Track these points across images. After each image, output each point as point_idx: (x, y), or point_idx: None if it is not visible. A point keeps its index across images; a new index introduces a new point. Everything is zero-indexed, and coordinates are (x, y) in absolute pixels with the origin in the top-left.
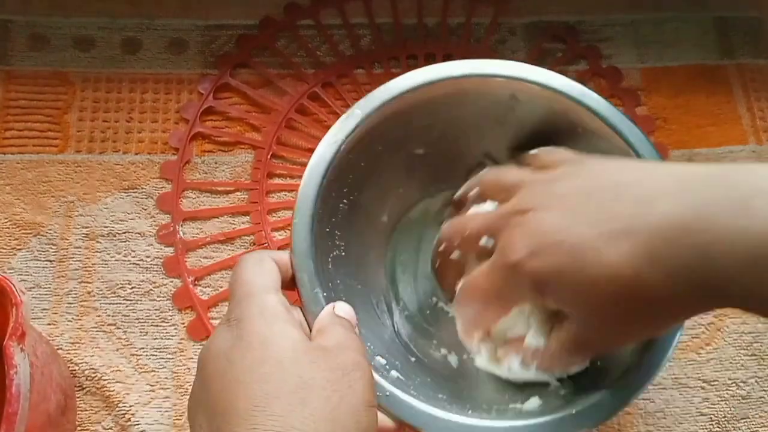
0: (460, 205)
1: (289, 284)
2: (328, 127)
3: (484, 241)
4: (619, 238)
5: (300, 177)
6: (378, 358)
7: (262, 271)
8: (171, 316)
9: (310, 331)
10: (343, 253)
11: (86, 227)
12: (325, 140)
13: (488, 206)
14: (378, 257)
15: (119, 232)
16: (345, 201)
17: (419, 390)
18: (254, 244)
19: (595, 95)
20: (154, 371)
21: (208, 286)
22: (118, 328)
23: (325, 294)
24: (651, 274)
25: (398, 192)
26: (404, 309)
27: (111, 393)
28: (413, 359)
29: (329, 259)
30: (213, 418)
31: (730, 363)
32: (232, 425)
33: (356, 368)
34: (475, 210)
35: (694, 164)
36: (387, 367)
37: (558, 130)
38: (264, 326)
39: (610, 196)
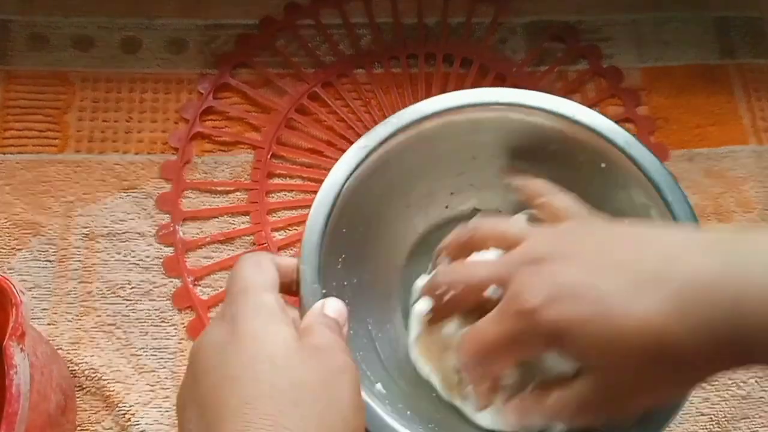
0: (456, 253)
1: (288, 289)
2: (329, 127)
3: (491, 291)
4: (648, 288)
5: (300, 177)
6: (364, 366)
7: (259, 270)
8: (171, 316)
9: None
10: (354, 258)
11: (86, 227)
12: (359, 143)
13: (491, 255)
14: (395, 268)
15: (119, 232)
16: (368, 205)
17: (398, 408)
18: (254, 244)
19: (639, 145)
20: (154, 371)
21: (208, 286)
22: (118, 328)
23: (324, 291)
24: (680, 327)
25: (425, 207)
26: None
27: (111, 393)
28: (401, 381)
29: (339, 260)
30: (203, 413)
31: None
32: (223, 421)
33: (345, 370)
34: (476, 257)
35: (712, 230)
36: (372, 379)
37: (590, 171)
38: (258, 324)
39: (631, 252)
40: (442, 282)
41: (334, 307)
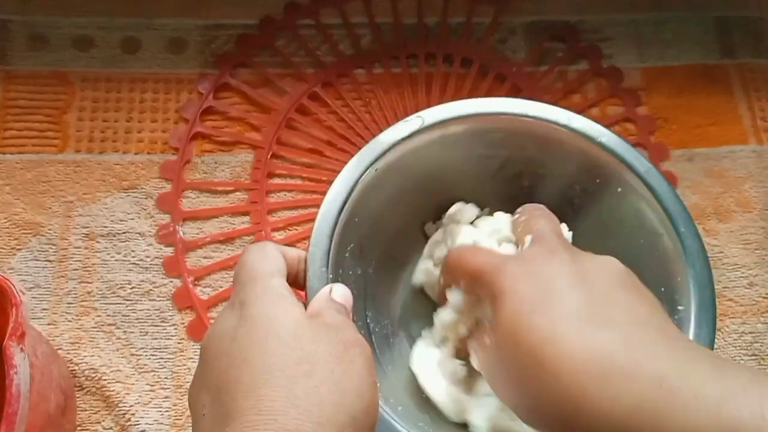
0: None
1: (294, 280)
2: (329, 127)
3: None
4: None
5: (300, 177)
6: None
7: (266, 257)
8: (171, 316)
9: None
10: (362, 250)
11: (86, 227)
12: (379, 139)
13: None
14: (398, 265)
15: (119, 232)
16: (383, 199)
17: (390, 404)
18: None
19: (658, 175)
20: (154, 371)
21: (208, 286)
22: (118, 328)
23: (331, 276)
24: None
25: (431, 209)
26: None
27: (111, 393)
28: (393, 378)
29: (348, 249)
30: (217, 395)
31: None
32: (237, 399)
33: (356, 344)
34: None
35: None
36: None
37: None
38: (267, 306)
39: (627, 319)
40: (524, 211)
41: (340, 292)
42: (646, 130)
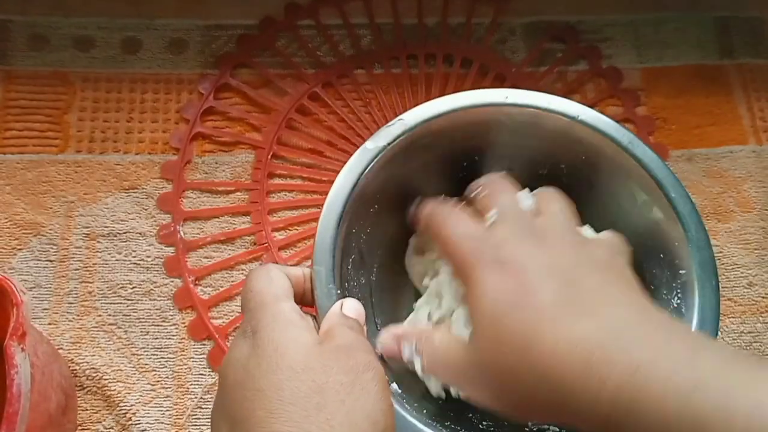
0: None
1: (301, 299)
2: (329, 128)
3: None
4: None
5: (301, 177)
6: None
7: (272, 281)
8: (172, 315)
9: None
10: (363, 258)
11: (87, 227)
12: (368, 144)
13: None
14: (401, 268)
15: (120, 232)
16: (376, 206)
17: (414, 407)
18: (255, 244)
19: (642, 144)
20: (155, 371)
21: (209, 286)
22: (119, 327)
23: (338, 291)
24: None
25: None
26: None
27: (112, 392)
28: (408, 380)
29: (350, 260)
30: (234, 426)
31: None
32: None
33: (368, 369)
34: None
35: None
36: (388, 379)
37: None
38: (278, 333)
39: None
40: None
41: (352, 307)
42: (646, 131)
